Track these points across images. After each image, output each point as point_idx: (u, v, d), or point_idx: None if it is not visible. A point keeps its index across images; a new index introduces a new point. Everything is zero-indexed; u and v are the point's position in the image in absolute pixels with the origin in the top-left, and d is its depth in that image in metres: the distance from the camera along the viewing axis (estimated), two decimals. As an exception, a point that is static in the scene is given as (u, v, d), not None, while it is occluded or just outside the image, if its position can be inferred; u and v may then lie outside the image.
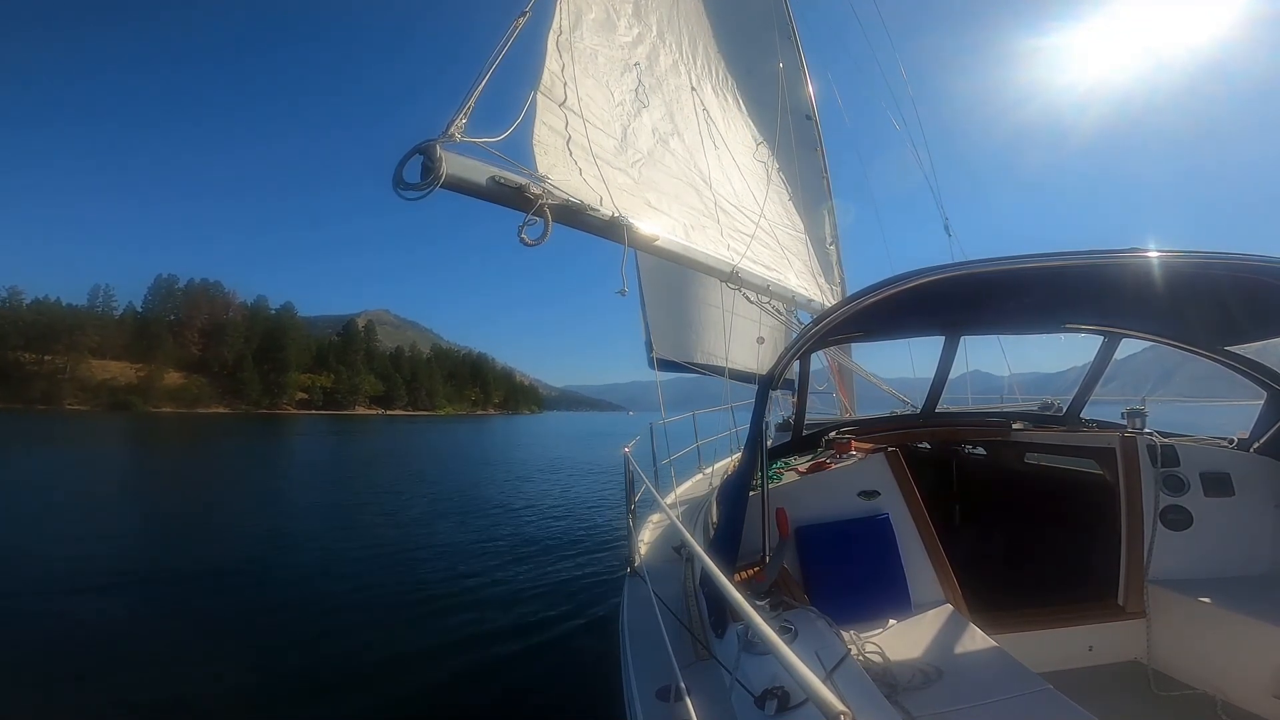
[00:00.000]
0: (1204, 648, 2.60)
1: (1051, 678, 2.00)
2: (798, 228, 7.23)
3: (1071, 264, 2.37)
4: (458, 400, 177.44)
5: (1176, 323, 3.43)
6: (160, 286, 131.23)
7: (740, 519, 2.64)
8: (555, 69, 3.90)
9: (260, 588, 7.81)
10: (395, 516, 13.16)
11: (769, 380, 3.08)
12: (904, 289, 2.41)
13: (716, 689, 1.93)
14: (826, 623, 2.11)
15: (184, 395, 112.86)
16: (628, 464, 4.18)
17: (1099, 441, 3.46)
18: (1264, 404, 3.30)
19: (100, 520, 11.84)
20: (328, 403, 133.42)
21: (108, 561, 8.77)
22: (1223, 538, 2.97)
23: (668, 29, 5.78)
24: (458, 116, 2.91)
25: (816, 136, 9.09)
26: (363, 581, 8.07)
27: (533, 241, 3.06)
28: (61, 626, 6.21)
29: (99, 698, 4.83)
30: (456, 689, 5.06)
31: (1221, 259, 2.32)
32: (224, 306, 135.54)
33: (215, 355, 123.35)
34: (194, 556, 9.29)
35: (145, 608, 6.94)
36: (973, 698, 1.94)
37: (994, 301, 3.44)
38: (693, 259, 4.31)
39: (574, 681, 5.17)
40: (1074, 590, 3.07)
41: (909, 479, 2.97)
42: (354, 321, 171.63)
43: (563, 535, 11.22)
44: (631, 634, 2.62)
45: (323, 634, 6.19)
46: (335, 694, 4.95)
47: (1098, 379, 4.17)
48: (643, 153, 4.60)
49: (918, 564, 2.75)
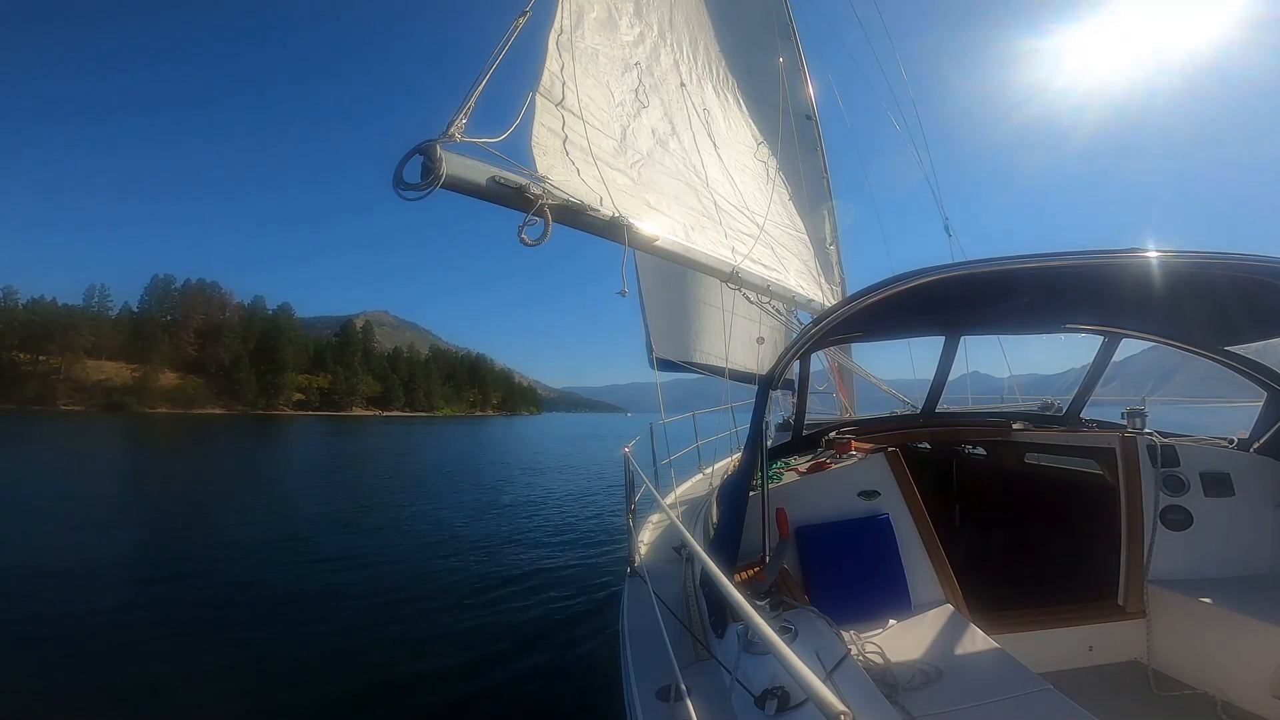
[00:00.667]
0: (1204, 648, 2.60)
1: (1051, 678, 2.00)
2: (798, 228, 7.23)
3: (1072, 264, 2.38)
4: (456, 401, 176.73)
5: (1176, 323, 3.43)
6: (156, 286, 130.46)
7: (740, 519, 2.64)
8: (555, 69, 3.90)
9: (257, 589, 7.79)
10: (394, 517, 13.16)
11: (769, 380, 3.08)
12: (904, 289, 2.41)
13: (716, 689, 1.93)
14: (826, 623, 2.11)
15: (179, 396, 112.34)
16: (628, 464, 4.17)
17: (1099, 441, 3.46)
18: (1264, 404, 3.31)
19: (78, 522, 11.63)
20: (325, 404, 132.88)
21: (81, 563, 8.62)
22: (1223, 538, 2.97)
23: (669, 28, 5.78)
24: (458, 117, 2.91)
25: (816, 136, 9.08)
26: (361, 582, 8.07)
27: (533, 242, 3.06)
28: (39, 627, 6.15)
29: (87, 695, 4.82)
30: (456, 689, 5.06)
31: (1221, 259, 2.32)
32: (220, 307, 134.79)
33: (212, 356, 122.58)
34: (174, 556, 9.27)
35: (120, 611, 6.78)
36: (973, 698, 1.94)
37: (994, 301, 3.44)
38: (693, 259, 4.31)
39: (574, 681, 5.17)
40: (1074, 590, 3.07)
41: (909, 479, 2.97)
42: (352, 322, 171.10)
43: (563, 535, 11.23)
44: (632, 634, 2.61)
45: (321, 635, 6.18)
46: (334, 694, 4.94)
47: (1098, 379, 4.17)
48: (643, 153, 4.60)
49: (918, 564, 2.75)
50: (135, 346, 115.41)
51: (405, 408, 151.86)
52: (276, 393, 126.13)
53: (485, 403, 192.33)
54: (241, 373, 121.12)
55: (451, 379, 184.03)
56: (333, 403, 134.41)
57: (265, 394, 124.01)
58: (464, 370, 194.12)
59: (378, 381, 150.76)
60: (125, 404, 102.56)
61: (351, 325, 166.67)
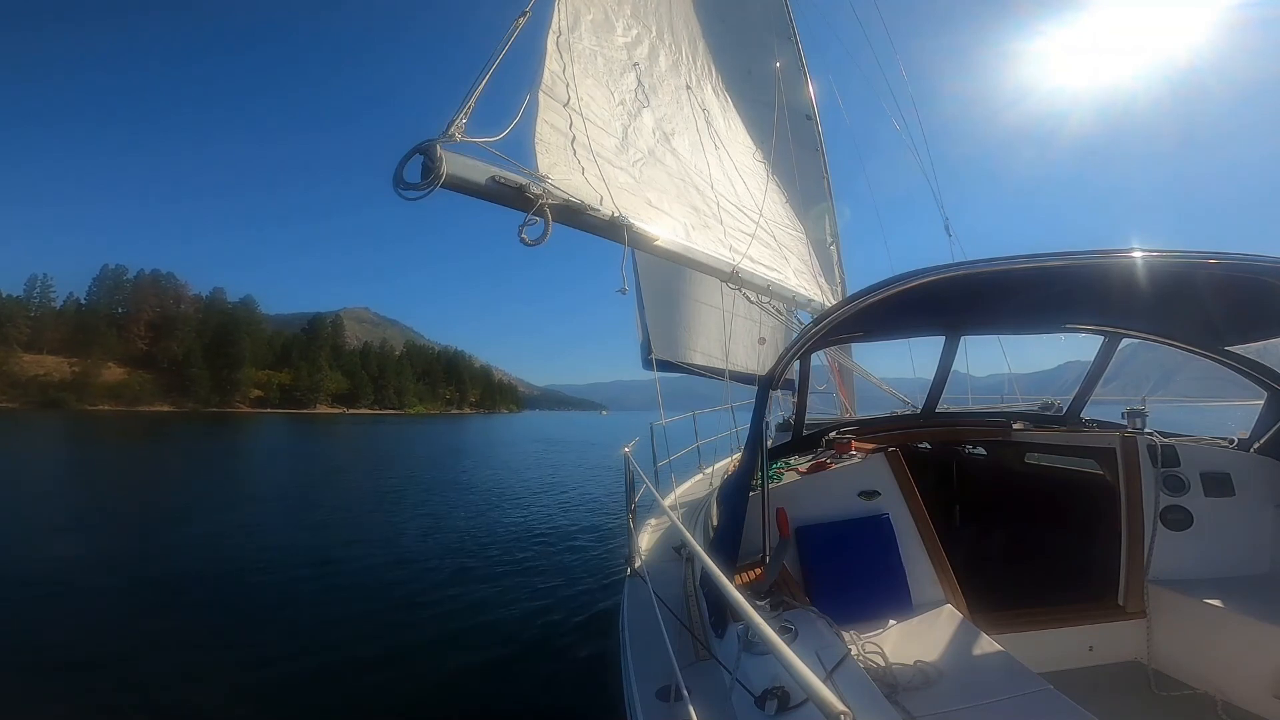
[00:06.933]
0: (1204, 648, 2.60)
1: (1052, 678, 2.00)
2: (798, 228, 7.23)
3: (1072, 264, 2.38)
4: (431, 399, 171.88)
5: (1177, 323, 3.43)
6: (107, 277, 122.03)
7: (740, 519, 2.64)
8: (556, 69, 3.91)
9: (251, 591, 7.78)
10: (391, 517, 13.16)
11: (769, 380, 3.08)
12: (904, 289, 2.41)
13: (717, 689, 1.92)
14: (826, 623, 2.11)
15: (124, 392, 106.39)
16: (628, 464, 4.17)
17: (1099, 441, 3.46)
18: (1264, 404, 3.30)
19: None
20: (286, 401, 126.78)
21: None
22: (1223, 538, 2.97)
23: (667, 30, 5.78)
24: (458, 116, 2.92)
25: (816, 137, 9.09)
26: (360, 584, 8.06)
27: (533, 241, 3.07)
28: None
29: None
30: (457, 689, 5.06)
31: (1222, 259, 2.32)
32: (175, 299, 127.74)
33: (164, 350, 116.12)
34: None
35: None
36: (973, 698, 1.94)
37: (994, 301, 3.44)
38: (693, 259, 4.31)
39: (574, 681, 5.17)
40: (1074, 590, 3.07)
41: (909, 479, 2.97)
42: (321, 317, 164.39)
43: (562, 536, 11.22)
44: (632, 634, 2.61)
45: (320, 636, 6.17)
46: (334, 695, 4.94)
47: (1098, 379, 4.17)
48: (643, 153, 4.60)
49: (918, 564, 2.75)
50: (79, 340, 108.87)
51: (374, 405, 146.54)
52: (232, 389, 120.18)
53: (462, 400, 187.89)
54: (194, 368, 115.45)
55: (427, 376, 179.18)
56: (295, 400, 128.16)
57: (219, 390, 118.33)
58: (440, 367, 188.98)
59: (347, 378, 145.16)
60: (62, 400, 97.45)
61: (321, 320, 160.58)
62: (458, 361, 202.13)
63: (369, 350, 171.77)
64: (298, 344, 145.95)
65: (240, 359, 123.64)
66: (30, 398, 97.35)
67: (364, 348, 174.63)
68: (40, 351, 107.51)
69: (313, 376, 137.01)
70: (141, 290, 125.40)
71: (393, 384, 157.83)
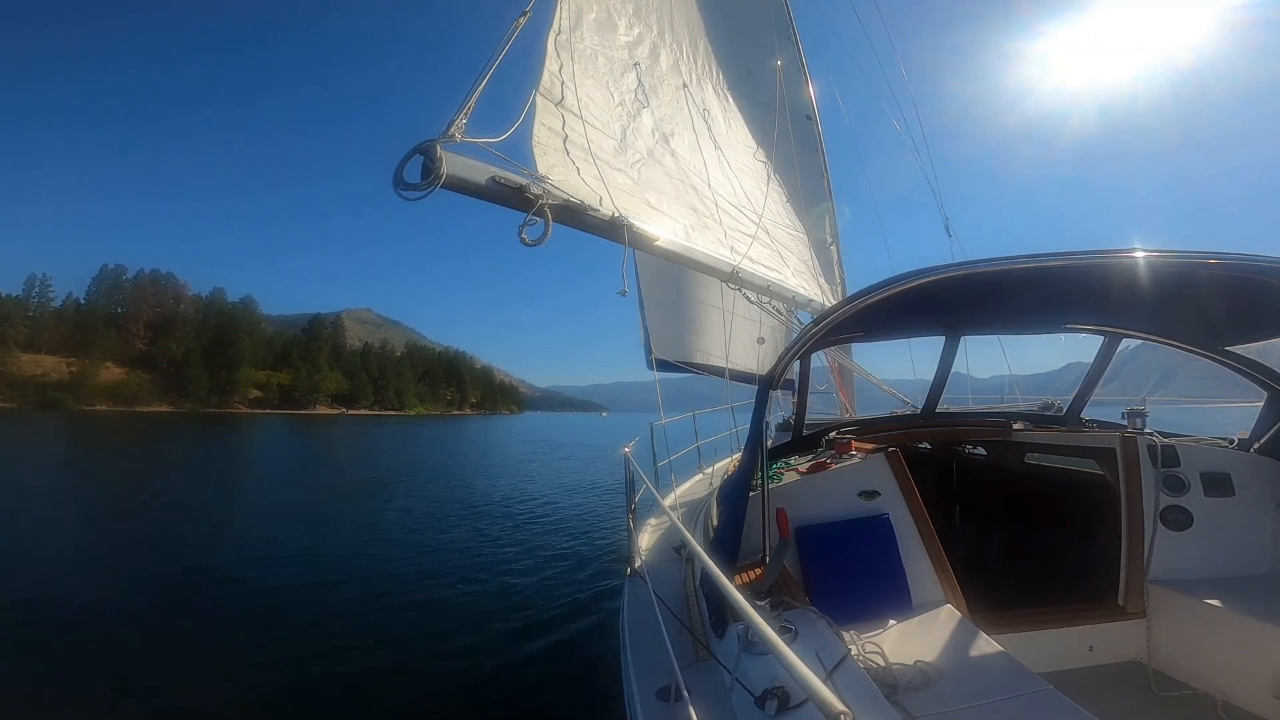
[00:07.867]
0: (1204, 648, 2.60)
1: (1052, 678, 2.00)
2: (798, 228, 7.23)
3: (1072, 264, 2.38)
4: (431, 400, 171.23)
5: (1177, 323, 3.43)
6: (106, 277, 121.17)
7: (740, 519, 2.64)
8: (555, 69, 3.90)
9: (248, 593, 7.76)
10: (391, 516, 13.16)
11: (769, 380, 3.08)
12: (904, 289, 2.41)
13: (717, 689, 1.93)
14: (827, 623, 2.11)
15: (122, 392, 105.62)
16: (628, 464, 4.17)
17: (1099, 441, 3.45)
18: (1264, 404, 3.30)
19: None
20: (285, 401, 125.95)
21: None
22: (1223, 538, 2.97)
23: (668, 29, 5.78)
24: (458, 117, 2.92)
25: (817, 137, 9.09)
26: (359, 584, 8.05)
27: (533, 242, 3.07)
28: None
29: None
30: (457, 689, 5.05)
31: (1222, 259, 2.32)
32: (175, 299, 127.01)
33: (163, 350, 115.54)
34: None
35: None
36: (973, 698, 1.94)
37: (994, 301, 3.44)
38: (693, 259, 4.31)
39: (575, 681, 5.17)
40: (1074, 590, 3.07)
41: (909, 479, 2.97)
42: (322, 317, 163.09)
43: (562, 536, 11.21)
44: (632, 634, 2.62)
45: (319, 637, 6.16)
46: (333, 696, 4.94)
47: (1098, 379, 4.17)
48: (643, 153, 4.60)
49: (918, 564, 2.75)
50: (77, 340, 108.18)
51: (374, 406, 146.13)
52: (231, 389, 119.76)
53: (463, 401, 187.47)
54: (192, 368, 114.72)
55: (427, 376, 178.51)
56: (294, 400, 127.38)
57: (218, 391, 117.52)
58: (441, 368, 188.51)
59: (346, 379, 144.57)
60: (60, 400, 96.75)
61: (321, 320, 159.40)
62: (459, 362, 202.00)
63: (369, 351, 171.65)
64: (298, 344, 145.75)
65: (239, 359, 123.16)
66: (28, 398, 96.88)
67: (364, 348, 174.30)
68: (39, 351, 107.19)
69: (312, 377, 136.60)
70: (141, 290, 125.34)
71: (393, 384, 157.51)
